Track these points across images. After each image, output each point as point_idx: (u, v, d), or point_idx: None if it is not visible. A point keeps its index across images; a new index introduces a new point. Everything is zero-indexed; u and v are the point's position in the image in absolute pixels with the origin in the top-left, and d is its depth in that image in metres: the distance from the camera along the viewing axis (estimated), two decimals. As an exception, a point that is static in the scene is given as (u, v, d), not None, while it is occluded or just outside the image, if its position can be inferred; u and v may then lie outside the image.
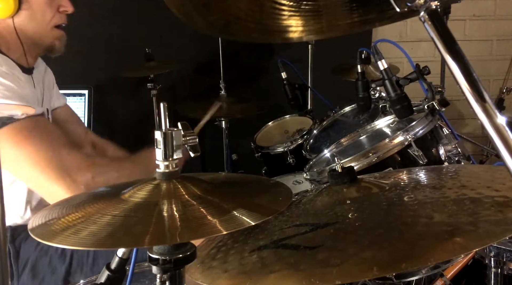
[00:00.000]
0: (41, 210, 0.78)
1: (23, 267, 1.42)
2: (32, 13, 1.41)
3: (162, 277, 0.72)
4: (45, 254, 1.43)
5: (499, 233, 0.66)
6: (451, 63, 0.60)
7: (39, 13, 1.43)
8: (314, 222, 0.82)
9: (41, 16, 1.43)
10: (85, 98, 2.60)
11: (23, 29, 1.41)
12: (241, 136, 2.61)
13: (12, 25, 1.39)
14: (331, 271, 0.65)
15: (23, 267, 1.42)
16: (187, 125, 0.78)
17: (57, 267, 1.42)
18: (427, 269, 1.12)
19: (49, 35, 1.47)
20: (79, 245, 0.65)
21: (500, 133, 0.55)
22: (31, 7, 1.41)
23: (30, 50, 1.47)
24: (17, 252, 1.42)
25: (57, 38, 1.50)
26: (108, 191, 0.85)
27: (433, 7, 0.62)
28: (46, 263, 1.43)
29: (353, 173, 0.92)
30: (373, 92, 1.54)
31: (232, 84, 2.62)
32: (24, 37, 1.42)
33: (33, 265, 1.42)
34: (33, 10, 1.41)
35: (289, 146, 2.07)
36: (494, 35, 3.18)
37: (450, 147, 1.35)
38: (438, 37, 0.61)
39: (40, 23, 1.44)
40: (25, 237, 1.43)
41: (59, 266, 1.42)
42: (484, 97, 0.57)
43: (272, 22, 0.86)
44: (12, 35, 1.41)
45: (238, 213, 0.69)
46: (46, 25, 1.45)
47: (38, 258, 1.43)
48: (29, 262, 1.42)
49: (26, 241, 1.43)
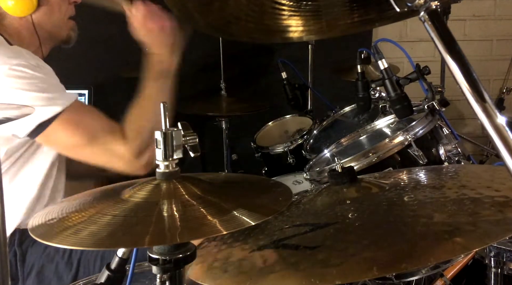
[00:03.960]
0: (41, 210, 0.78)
1: (28, 272, 1.40)
2: (50, 8, 1.43)
3: (162, 277, 0.72)
4: (51, 260, 1.42)
5: (499, 233, 0.67)
6: (451, 63, 0.60)
7: (57, 7, 1.45)
8: (314, 222, 0.82)
9: (58, 11, 1.46)
10: (85, 98, 2.60)
11: (41, 24, 1.43)
12: (241, 136, 2.61)
13: (30, 21, 1.40)
14: (331, 271, 0.65)
15: (28, 272, 1.40)
16: (187, 125, 0.78)
17: (63, 274, 1.41)
18: (427, 269, 1.12)
19: (65, 27, 1.50)
20: (79, 245, 0.65)
21: (500, 133, 0.55)
22: (49, 2, 1.42)
23: (46, 42, 1.49)
24: (24, 255, 1.41)
25: (72, 29, 1.53)
26: (108, 191, 0.85)
27: (433, 7, 0.62)
28: (52, 270, 1.41)
29: (353, 173, 0.92)
30: (373, 92, 1.54)
31: (232, 84, 2.62)
32: (42, 31, 1.44)
33: (39, 271, 1.41)
34: (51, 5, 1.43)
35: (289, 146, 2.07)
36: (494, 35, 3.17)
37: (450, 147, 1.35)
38: (438, 37, 0.61)
39: (58, 17, 1.46)
40: (32, 241, 1.42)
41: (65, 273, 1.41)
42: (484, 97, 0.57)
43: (272, 22, 0.86)
44: (28, 31, 1.42)
45: (238, 213, 0.69)
46: (64, 18, 1.48)
47: (44, 264, 1.41)
48: (35, 267, 1.41)
49: (33, 245, 1.42)
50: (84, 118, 1.36)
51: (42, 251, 1.42)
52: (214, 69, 2.62)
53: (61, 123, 1.30)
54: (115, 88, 2.73)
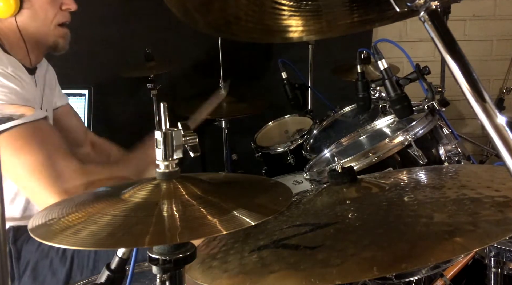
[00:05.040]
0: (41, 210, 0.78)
1: (24, 269, 1.41)
2: (34, 12, 1.41)
3: (162, 277, 0.72)
4: (45, 256, 1.42)
5: (499, 233, 0.66)
6: (451, 63, 0.60)
7: (41, 11, 1.42)
8: (314, 222, 0.82)
9: (43, 15, 1.43)
10: (85, 98, 2.60)
11: (26, 28, 1.41)
12: (241, 136, 2.61)
13: (15, 24, 1.39)
14: (331, 271, 0.65)
15: (24, 269, 1.41)
16: (187, 125, 0.78)
17: (58, 269, 1.42)
18: (427, 269, 1.12)
19: (52, 33, 1.47)
20: (79, 245, 0.65)
21: (500, 133, 0.55)
22: (33, 6, 1.40)
23: (34, 49, 1.47)
24: (19, 253, 1.42)
25: (61, 36, 1.49)
26: (108, 191, 0.85)
27: (433, 7, 0.62)
28: (46, 266, 1.42)
29: (353, 173, 0.92)
30: (373, 92, 1.54)
31: (232, 84, 2.62)
32: (27, 36, 1.42)
33: (34, 267, 1.41)
34: (35, 9, 1.41)
35: (289, 146, 2.07)
36: (494, 35, 3.18)
37: (450, 147, 1.35)
38: (438, 37, 0.61)
39: (42, 21, 1.44)
40: (26, 238, 1.43)
41: (59, 269, 1.42)
42: (484, 97, 0.57)
43: (272, 22, 0.86)
44: (15, 35, 1.41)
45: (238, 213, 0.69)
46: (49, 23, 1.45)
47: (39, 260, 1.42)
48: (30, 264, 1.41)
49: (28, 242, 1.43)
50: (38, 146, 1.26)
51: (37, 248, 1.42)
52: (213, 69, 2.62)
53: (12, 137, 1.24)
54: (115, 88, 2.73)
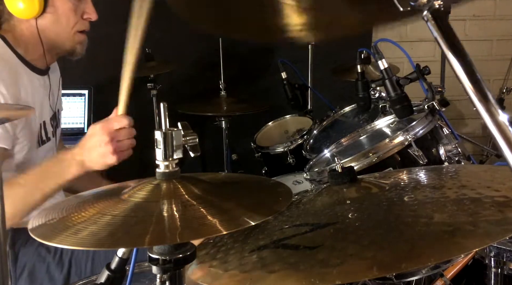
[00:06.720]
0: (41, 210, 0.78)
1: (20, 272, 1.41)
2: (56, 17, 1.43)
3: (162, 277, 0.72)
4: (42, 260, 1.42)
5: (499, 233, 0.66)
6: (454, 62, 0.59)
7: (63, 18, 1.44)
8: (314, 222, 0.82)
9: (65, 22, 1.45)
10: (85, 98, 2.60)
11: (45, 31, 1.43)
12: (241, 136, 2.61)
13: (35, 26, 1.41)
14: (331, 271, 0.65)
15: (20, 272, 1.41)
16: (187, 125, 0.78)
17: (55, 275, 1.42)
18: (427, 269, 1.12)
19: (71, 39, 1.48)
20: (79, 245, 0.65)
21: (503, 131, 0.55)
22: (56, 12, 1.42)
23: (50, 51, 1.49)
24: (16, 255, 1.42)
25: (79, 42, 1.51)
26: (108, 191, 0.85)
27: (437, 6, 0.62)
28: (43, 271, 1.42)
29: (353, 173, 0.92)
30: (373, 92, 1.54)
31: (232, 84, 2.62)
32: (46, 39, 1.44)
33: (31, 271, 1.41)
34: (58, 15, 1.43)
35: (289, 146, 2.07)
36: (494, 35, 3.18)
37: (450, 147, 1.35)
38: (442, 36, 0.61)
39: (63, 28, 1.45)
40: (24, 241, 1.42)
41: (57, 274, 1.42)
42: (487, 97, 0.57)
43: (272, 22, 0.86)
44: (33, 36, 1.42)
45: (238, 213, 0.69)
46: (70, 30, 1.46)
47: (36, 264, 1.42)
48: (27, 268, 1.41)
49: (25, 245, 1.42)
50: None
51: (34, 251, 1.42)
52: (213, 69, 2.62)
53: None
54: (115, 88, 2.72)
